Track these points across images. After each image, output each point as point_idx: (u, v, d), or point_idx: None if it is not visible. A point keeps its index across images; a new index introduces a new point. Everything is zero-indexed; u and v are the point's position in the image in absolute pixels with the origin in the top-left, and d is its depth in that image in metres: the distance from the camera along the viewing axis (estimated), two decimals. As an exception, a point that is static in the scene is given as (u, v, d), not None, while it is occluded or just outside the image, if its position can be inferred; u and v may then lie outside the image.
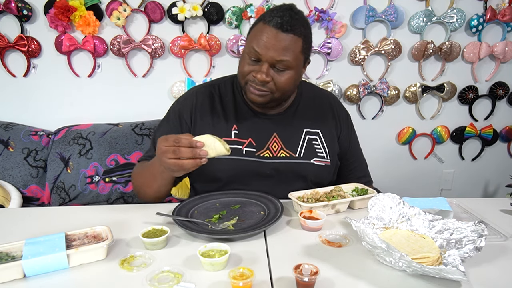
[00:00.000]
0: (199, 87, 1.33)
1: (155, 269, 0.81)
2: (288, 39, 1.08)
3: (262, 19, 1.11)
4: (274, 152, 1.23)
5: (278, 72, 1.12)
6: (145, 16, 2.10)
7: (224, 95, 1.28)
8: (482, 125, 2.51)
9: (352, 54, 2.27)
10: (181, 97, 1.33)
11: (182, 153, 0.94)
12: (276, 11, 1.10)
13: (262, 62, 1.11)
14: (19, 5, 2.00)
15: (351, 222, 0.87)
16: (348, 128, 1.37)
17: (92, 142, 1.99)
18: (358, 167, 1.40)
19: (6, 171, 1.93)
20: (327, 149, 1.28)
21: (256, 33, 1.11)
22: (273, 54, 1.08)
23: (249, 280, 0.72)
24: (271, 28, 1.08)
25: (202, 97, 1.28)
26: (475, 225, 0.84)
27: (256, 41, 1.10)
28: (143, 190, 1.20)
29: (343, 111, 1.38)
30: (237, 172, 1.21)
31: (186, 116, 1.26)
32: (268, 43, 1.08)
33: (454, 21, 2.26)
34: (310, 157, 1.25)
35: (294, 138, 1.26)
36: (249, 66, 1.14)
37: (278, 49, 1.08)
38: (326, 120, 1.31)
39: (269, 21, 1.09)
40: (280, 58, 1.09)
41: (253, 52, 1.10)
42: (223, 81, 1.32)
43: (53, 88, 2.16)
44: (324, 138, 1.29)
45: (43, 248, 0.81)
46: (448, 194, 2.63)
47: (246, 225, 0.99)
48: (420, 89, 2.36)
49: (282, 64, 1.11)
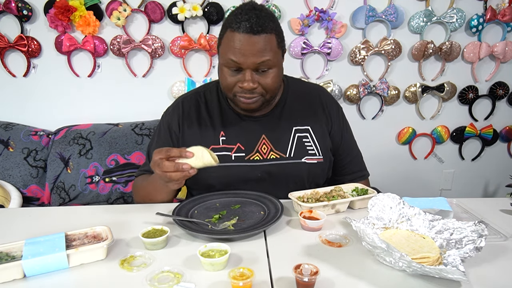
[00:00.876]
0: (185, 95, 1.33)
1: (155, 269, 0.81)
2: (262, 39, 1.07)
3: (229, 27, 1.09)
4: (264, 155, 1.23)
5: (262, 74, 1.11)
6: (145, 16, 2.10)
7: (210, 102, 1.27)
8: (482, 125, 2.51)
9: (352, 54, 2.27)
10: (169, 108, 1.33)
11: (165, 167, 0.98)
12: (240, 15, 1.07)
13: (244, 70, 1.10)
14: (19, 5, 2.00)
15: (351, 222, 0.87)
16: (339, 121, 1.33)
17: (92, 142, 1.99)
18: (352, 161, 1.37)
19: (6, 171, 1.93)
20: (318, 146, 1.26)
21: (229, 43, 1.08)
22: (253, 59, 1.07)
23: (249, 280, 0.72)
24: (242, 34, 1.06)
25: (188, 106, 1.27)
26: (475, 225, 0.84)
27: (232, 51, 1.08)
28: (147, 201, 1.22)
29: (334, 104, 1.34)
30: (229, 179, 1.21)
31: (175, 127, 1.27)
32: (244, 50, 1.06)
33: (454, 21, 2.26)
34: (301, 156, 1.24)
35: (283, 138, 1.25)
36: (231, 78, 1.12)
37: (256, 52, 1.07)
38: (316, 115, 1.29)
39: (237, 28, 1.06)
40: (261, 60, 1.08)
41: (231, 62, 1.09)
42: (208, 87, 1.31)
43: (53, 88, 2.16)
44: (314, 134, 1.27)
45: (43, 248, 0.81)
46: (448, 194, 2.63)
47: (246, 225, 0.99)
48: (420, 89, 2.36)
49: (264, 65, 1.10)
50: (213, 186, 1.21)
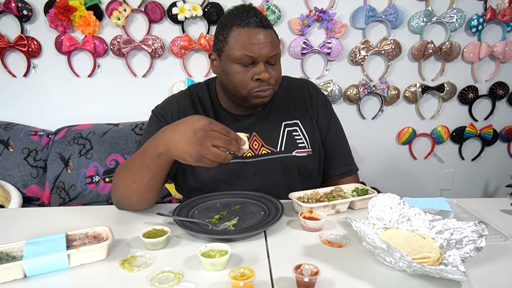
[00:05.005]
0: (177, 94, 1.30)
1: (155, 269, 0.81)
2: (270, 33, 1.12)
3: (234, 25, 1.10)
4: (256, 151, 1.23)
5: (271, 66, 1.14)
6: (145, 16, 2.10)
7: (204, 101, 1.27)
8: (482, 125, 2.51)
9: (352, 54, 2.27)
10: (159, 104, 1.29)
11: (233, 146, 0.90)
12: (245, 12, 1.10)
13: (257, 63, 1.11)
14: (19, 5, 2.00)
15: (352, 222, 0.87)
16: (326, 114, 1.33)
17: (92, 142, 1.99)
18: (339, 155, 1.35)
19: (6, 171, 1.93)
20: (308, 138, 1.27)
21: (240, 39, 1.09)
22: (267, 51, 1.10)
23: (250, 280, 0.72)
24: (254, 29, 1.09)
25: (184, 103, 1.26)
26: (475, 225, 0.84)
27: (245, 46, 1.09)
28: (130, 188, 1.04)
29: (322, 97, 1.35)
30: (223, 176, 1.20)
31: (168, 119, 1.22)
32: (259, 43, 1.09)
33: (454, 21, 2.26)
34: (291, 150, 1.25)
35: (273, 134, 1.25)
36: (245, 74, 1.12)
37: (269, 45, 1.10)
38: (305, 109, 1.30)
39: (246, 23, 1.09)
40: (273, 53, 1.11)
41: (245, 57, 1.10)
42: (199, 87, 1.30)
43: (53, 88, 2.17)
44: (304, 127, 1.28)
45: (43, 248, 0.81)
46: (448, 194, 2.63)
47: (246, 225, 0.99)
48: (420, 89, 2.36)
49: (274, 58, 1.13)
50: (206, 183, 1.21)
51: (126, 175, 1.05)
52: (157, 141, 0.97)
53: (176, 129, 0.93)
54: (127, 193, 1.06)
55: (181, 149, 0.91)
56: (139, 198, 1.07)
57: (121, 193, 1.08)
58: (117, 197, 1.10)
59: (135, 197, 1.06)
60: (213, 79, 1.31)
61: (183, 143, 0.90)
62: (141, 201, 1.08)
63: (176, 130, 0.93)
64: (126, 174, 1.06)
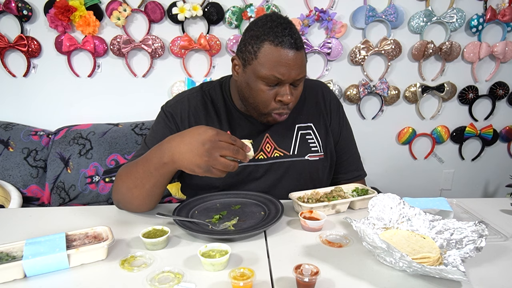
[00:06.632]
0: (189, 92, 1.26)
1: (155, 269, 0.81)
2: (302, 55, 1.07)
3: (267, 40, 1.04)
4: (268, 153, 1.22)
5: (295, 87, 1.11)
6: (145, 16, 2.10)
7: (216, 101, 1.24)
8: (482, 125, 2.52)
9: (352, 54, 2.27)
10: (170, 101, 1.25)
11: (240, 155, 0.89)
12: (280, 29, 1.04)
13: (283, 85, 1.08)
14: (19, 5, 2.00)
15: (352, 222, 0.87)
16: (338, 118, 1.32)
17: (92, 142, 1.99)
18: (349, 159, 1.35)
19: (6, 171, 1.93)
20: (321, 142, 1.26)
21: (272, 58, 1.04)
22: (295, 74, 1.06)
23: (250, 280, 0.72)
24: (287, 50, 1.03)
25: (195, 102, 1.22)
26: (475, 225, 0.84)
27: (275, 67, 1.04)
28: (131, 193, 1.04)
29: (335, 100, 1.34)
30: (233, 179, 1.19)
31: (177, 119, 1.19)
32: (290, 66, 1.04)
33: (454, 21, 2.26)
34: (304, 154, 1.24)
35: (287, 136, 1.24)
36: (269, 92, 1.09)
37: (298, 68, 1.06)
38: (318, 112, 1.29)
39: (280, 42, 1.03)
40: (301, 76, 1.08)
41: (273, 78, 1.06)
42: (212, 86, 1.27)
43: (53, 88, 2.17)
44: (317, 131, 1.27)
45: (43, 248, 0.81)
46: (448, 194, 2.63)
47: (246, 225, 0.99)
48: (420, 89, 2.36)
49: (300, 80, 1.10)
50: (217, 186, 1.20)
51: (128, 180, 1.04)
52: (162, 150, 0.95)
53: (182, 140, 0.92)
54: (128, 197, 1.06)
55: (189, 161, 0.90)
56: (140, 203, 1.06)
57: (122, 196, 1.07)
58: (118, 199, 1.10)
59: (136, 202, 1.06)
60: (227, 78, 1.28)
61: (191, 154, 0.89)
62: (142, 206, 1.07)
63: (182, 141, 0.92)
64: (128, 179, 1.05)
